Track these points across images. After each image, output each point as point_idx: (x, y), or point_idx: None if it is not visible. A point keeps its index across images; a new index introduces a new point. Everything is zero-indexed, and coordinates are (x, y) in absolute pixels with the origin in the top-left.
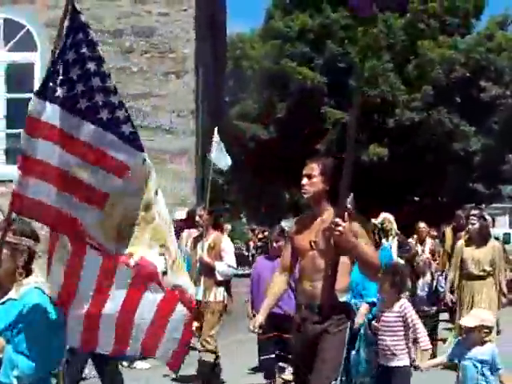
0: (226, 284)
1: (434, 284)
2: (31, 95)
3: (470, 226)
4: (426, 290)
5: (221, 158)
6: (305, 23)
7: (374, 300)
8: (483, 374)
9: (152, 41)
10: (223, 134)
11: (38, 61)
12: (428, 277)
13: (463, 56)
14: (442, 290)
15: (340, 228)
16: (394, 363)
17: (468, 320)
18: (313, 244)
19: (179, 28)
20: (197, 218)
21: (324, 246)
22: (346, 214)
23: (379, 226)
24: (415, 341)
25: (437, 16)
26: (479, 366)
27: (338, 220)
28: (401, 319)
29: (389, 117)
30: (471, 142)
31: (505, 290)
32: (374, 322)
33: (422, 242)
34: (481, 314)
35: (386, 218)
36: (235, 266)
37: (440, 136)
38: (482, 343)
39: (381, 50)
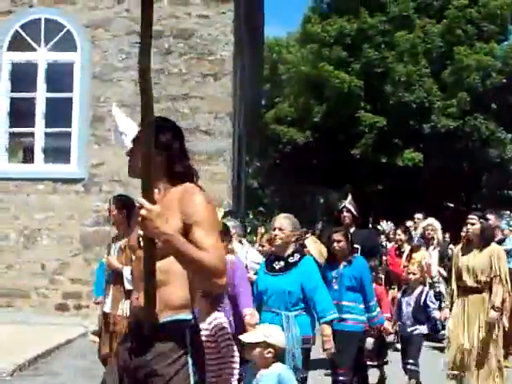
0: None
1: (423, 298)
2: (71, 94)
3: (468, 227)
4: (412, 304)
5: (119, 139)
6: (342, 28)
7: (334, 317)
8: None
9: (191, 43)
10: (259, 136)
11: (78, 61)
12: (418, 289)
13: (500, 62)
14: (432, 306)
15: (143, 212)
16: None
17: (248, 335)
18: (141, 239)
19: (218, 31)
20: (107, 214)
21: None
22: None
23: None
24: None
25: (474, 22)
26: None
27: (141, 200)
28: (211, 338)
29: (425, 122)
30: (507, 148)
31: (497, 303)
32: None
33: None
34: (266, 329)
35: (431, 224)
36: None
37: (476, 142)
38: (267, 366)
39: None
